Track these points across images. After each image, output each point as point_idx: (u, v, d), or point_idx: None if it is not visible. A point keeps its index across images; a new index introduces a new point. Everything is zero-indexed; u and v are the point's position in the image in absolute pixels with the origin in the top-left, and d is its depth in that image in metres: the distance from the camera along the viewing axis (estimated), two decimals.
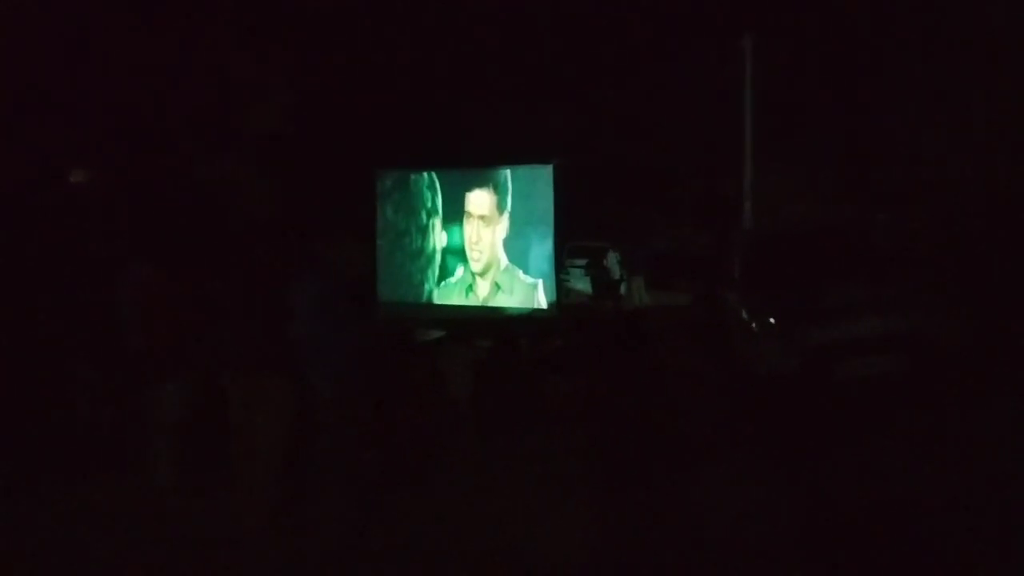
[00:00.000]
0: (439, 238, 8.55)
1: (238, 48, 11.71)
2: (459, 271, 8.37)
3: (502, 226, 8.10)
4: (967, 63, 11.52)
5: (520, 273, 8.00)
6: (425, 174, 8.61)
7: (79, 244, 8.24)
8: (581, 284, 15.56)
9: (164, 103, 10.69)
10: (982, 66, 11.30)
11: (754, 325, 6.60)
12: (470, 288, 8.31)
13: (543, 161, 8.17)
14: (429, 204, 8.61)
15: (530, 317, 7.95)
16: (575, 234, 13.73)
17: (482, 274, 8.24)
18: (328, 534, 4.18)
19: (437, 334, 6.80)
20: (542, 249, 7.90)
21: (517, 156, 8.59)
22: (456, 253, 8.42)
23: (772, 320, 6.43)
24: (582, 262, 15.71)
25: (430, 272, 8.56)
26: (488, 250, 8.15)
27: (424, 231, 8.58)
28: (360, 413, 4.37)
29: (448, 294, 8.45)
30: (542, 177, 8.04)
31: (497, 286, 8.13)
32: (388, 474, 4.43)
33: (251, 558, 4.16)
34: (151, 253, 4.97)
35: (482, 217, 8.18)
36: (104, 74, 10.09)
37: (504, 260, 8.10)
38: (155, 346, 4.72)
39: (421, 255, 8.54)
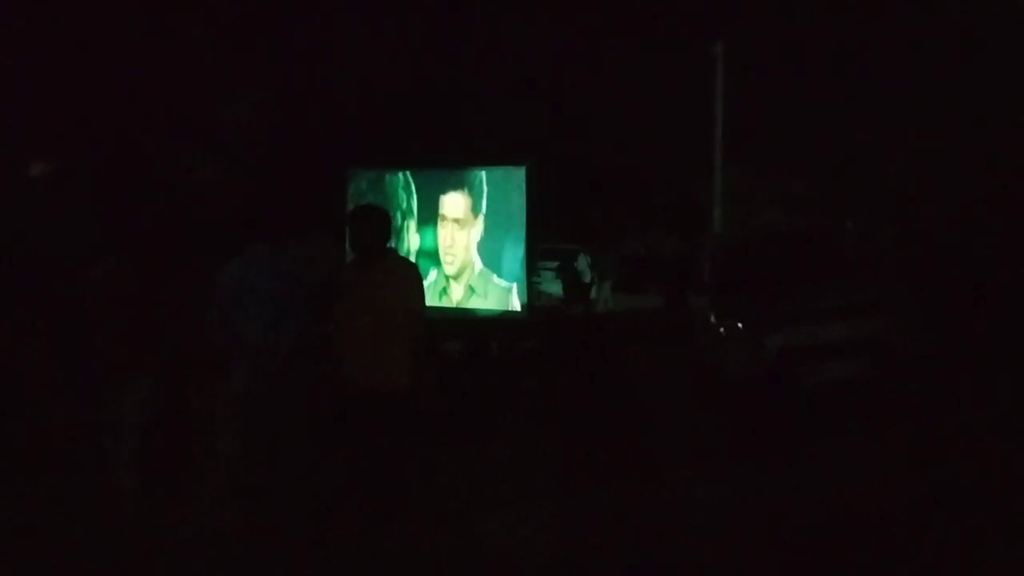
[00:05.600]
0: (412, 240, 8.53)
1: (212, 46, 11.61)
2: (432, 274, 8.35)
3: (476, 229, 8.10)
4: (934, 75, 11.75)
5: (495, 277, 8.01)
6: (400, 174, 8.59)
7: (43, 239, 8.12)
8: (553, 286, 15.61)
9: (137, 100, 10.57)
10: (948, 78, 11.53)
11: (722, 329, 6.68)
12: (444, 291, 8.30)
13: (516, 163, 8.18)
14: (404, 205, 8.58)
15: (501, 319, 7.97)
16: (547, 237, 13.77)
17: (456, 277, 8.23)
18: (292, 535, 4.15)
19: None
20: (516, 252, 7.92)
21: (491, 157, 8.60)
22: (429, 255, 8.40)
23: (740, 324, 6.51)
24: (554, 264, 15.78)
25: None
26: (462, 253, 8.14)
27: (398, 233, 8.54)
28: (327, 413, 4.33)
29: None
30: (515, 179, 8.06)
31: (472, 289, 8.13)
32: (356, 474, 4.41)
33: (213, 557, 4.13)
34: (117, 249, 4.90)
35: (456, 220, 8.17)
36: (78, 72, 9.95)
37: (479, 264, 8.10)
38: (118, 343, 4.66)
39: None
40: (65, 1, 10.13)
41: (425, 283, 8.36)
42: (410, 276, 4.19)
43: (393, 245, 8.58)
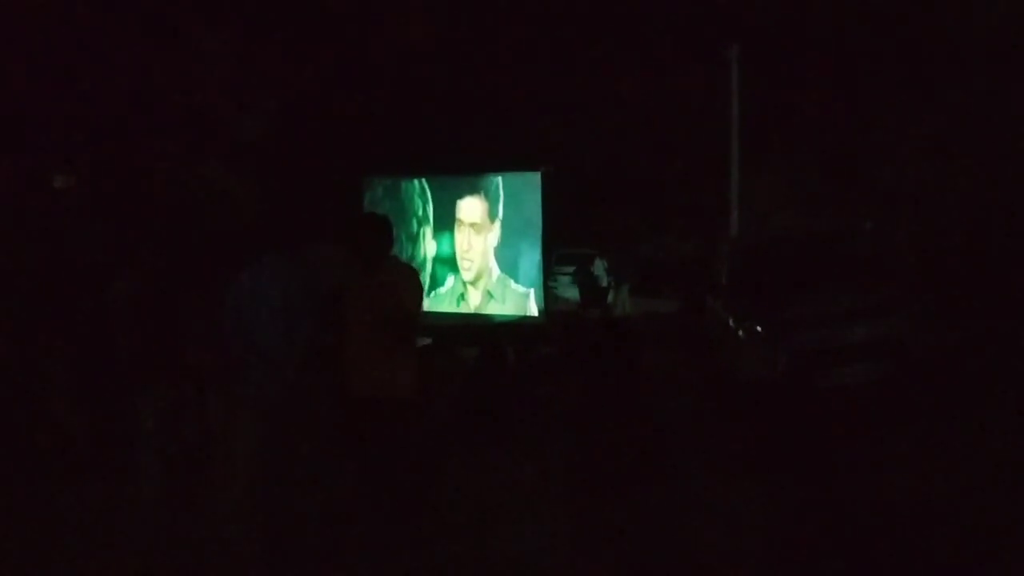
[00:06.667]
0: (429, 247, 8.56)
1: (226, 53, 11.70)
2: (449, 280, 8.39)
3: (493, 234, 8.12)
4: (950, 73, 11.67)
5: (512, 283, 8.02)
6: (416, 181, 8.63)
7: (63, 250, 8.22)
8: (569, 291, 15.59)
9: (152, 109, 10.67)
10: (965, 77, 11.45)
11: (740, 332, 6.66)
12: (462, 297, 8.33)
13: (531, 168, 8.20)
14: (420, 212, 8.63)
15: (518, 325, 7.98)
16: (563, 241, 13.77)
17: (473, 283, 8.26)
18: (310, 542, 4.17)
19: (424, 341, 6.80)
20: (532, 257, 7.93)
21: (506, 163, 8.63)
22: (446, 262, 8.44)
23: (758, 327, 6.49)
24: (570, 269, 15.77)
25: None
26: (479, 258, 8.17)
27: (414, 240, 8.58)
28: (345, 420, 4.35)
29: (438, 303, 8.47)
30: (531, 184, 8.08)
31: (489, 295, 8.16)
32: (375, 481, 4.44)
33: (229, 564, 4.17)
34: (135, 259, 4.96)
35: (473, 225, 8.20)
36: (91, 81, 10.06)
37: (496, 269, 8.12)
38: (139, 353, 4.71)
39: (411, 264, 8.56)
40: (76, 10, 10.23)
41: (443, 290, 8.45)
42: (409, 280, 4.23)
43: (410, 252, 8.64)
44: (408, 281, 4.22)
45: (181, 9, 11.29)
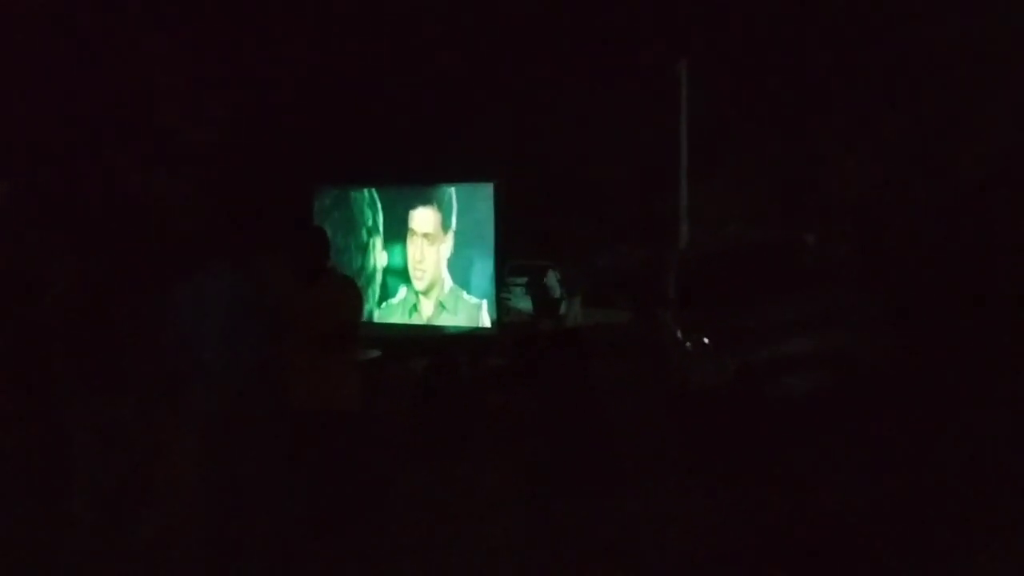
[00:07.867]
0: (380, 258, 8.50)
1: (173, 58, 11.48)
2: (401, 291, 8.33)
3: (446, 245, 8.10)
4: (895, 87, 11.99)
5: (464, 294, 8.00)
6: (365, 192, 8.57)
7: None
8: (522, 303, 15.59)
9: (94, 113, 10.40)
10: (908, 91, 11.77)
11: (688, 343, 6.72)
12: (414, 308, 8.27)
13: (484, 179, 8.21)
14: (370, 223, 8.56)
15: (470, 336, 7.96)
16: (515, 252, 13.77)
17: (426, 293, 8.22)
18: (255, 559, 4.07)
19: (374, 354, 6.74)
20: (485, 268, 7.92)
21: (458, 174, 8.63)
22: (398, 273, 8.38)
23: (705, 339, 6.56)
24: (523, 280, 15.76)
25: (370, 292, 8.49)
26: (432, 269, 8.14)
27: (364, 250, 8.51)
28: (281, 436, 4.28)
29: (389, 314, 8.41)
30: (483, 195, 8.08)
31: (442, 306, 8.12)
32: (324, 495, 4.36)
33: None
34: (71, 266, 4.81)
35: (426, 235, 8.16)
36: (27, 84, 9.77)
37: (448, 280, 8.09)
38: (75, 363, 4.56)
39: (361, 275, 8.45)
40: (21, 11, 9.93)
41: (394, 301, 8.37)
42: (347, 290, 4.28)
43: (360, 263, 8.56)
44: (346, 292, 4.25)
45: (127, 13, 11.04)
